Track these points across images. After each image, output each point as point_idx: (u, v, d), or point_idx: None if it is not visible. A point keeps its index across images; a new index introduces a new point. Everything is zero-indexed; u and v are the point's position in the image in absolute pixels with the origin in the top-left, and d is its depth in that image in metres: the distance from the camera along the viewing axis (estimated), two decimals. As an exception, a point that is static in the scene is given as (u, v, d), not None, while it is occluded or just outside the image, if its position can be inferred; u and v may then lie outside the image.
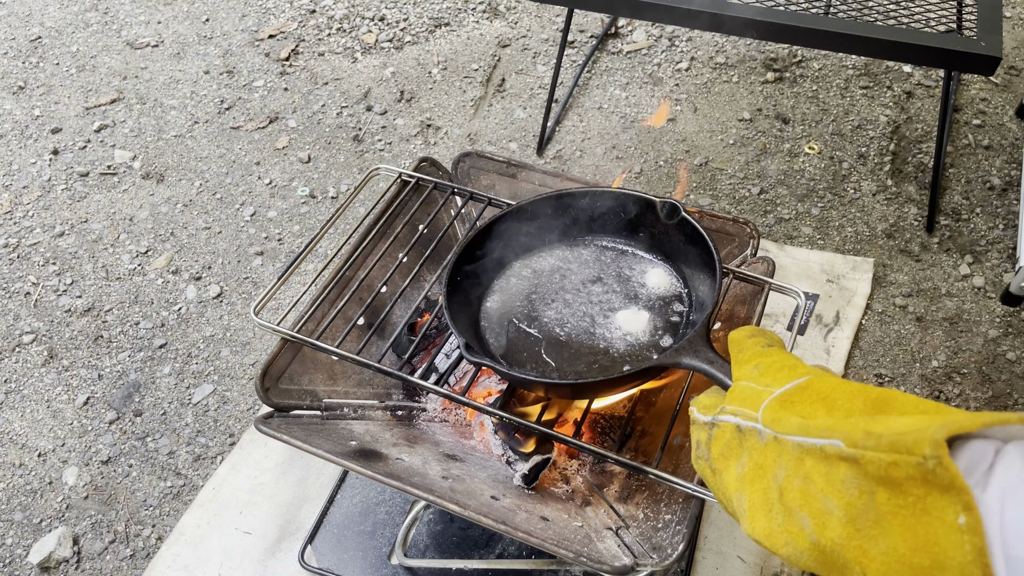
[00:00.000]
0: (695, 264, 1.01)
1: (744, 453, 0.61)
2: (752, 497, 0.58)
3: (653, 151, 2.18)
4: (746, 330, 0.77)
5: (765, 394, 0.61)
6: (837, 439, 0.49)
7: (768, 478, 0.57)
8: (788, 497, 0.54)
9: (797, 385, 0.59)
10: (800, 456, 0.53)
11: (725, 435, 0.63)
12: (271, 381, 1.04)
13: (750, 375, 0.67)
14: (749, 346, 0.73)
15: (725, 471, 0.63)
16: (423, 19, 2.72)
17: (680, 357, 0.82)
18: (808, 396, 0.57)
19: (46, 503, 1.58)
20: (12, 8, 2.92)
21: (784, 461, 0.55)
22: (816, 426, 0.52)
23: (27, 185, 2.26)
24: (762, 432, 0.58)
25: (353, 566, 1.36)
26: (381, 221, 1.19)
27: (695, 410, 0.73)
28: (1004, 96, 2.25)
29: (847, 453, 0.48)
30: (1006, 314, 1.74)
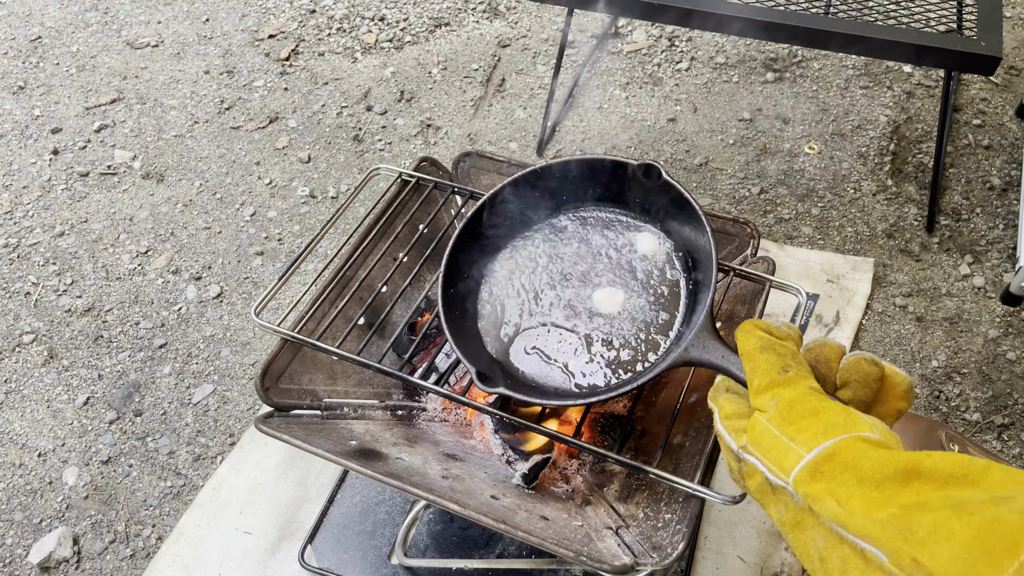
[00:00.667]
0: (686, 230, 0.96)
1: (780, 503, 0.61)
2: (795, 542, 0.60)
3: (653, 151, 2.18)
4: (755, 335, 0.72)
5: (791, 453, 0.59)
6: (880, 551, 0.49)
7: (807, 536, 0.58)
8: (828, 566, 0.55)
9: (824, 452, 0.57)
10: (839, 541, 0.54)
11: (757, 477, 0.63)
12: (271, 381, 1.04)
13: (768, 408, 0.65)
14: (763, 366, 0.68)
15: (765, 506, 0.64)
16: (423, 19, 2.72)
17: (691, 354, 0.80)
18: (837, 466, 0.56)
19: (46, 503, 1.58)
20: (12, 8, 2.92)
21: (822, 533, 0.56)
22: (856, 524, 0.52)
23: (27, 185, 2.26)
24: (795, 496, 0.59)
25: (353, 566, 1.36)
26: (381, 221, 1.19)
27: (717, 416, 0.70)
28: (1004, 96, 2.25)
29: (888, 569, 0.48)
30: (1006, 314, 1.74)
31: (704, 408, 0.99)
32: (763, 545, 1.37)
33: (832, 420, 0.60)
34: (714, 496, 0.81)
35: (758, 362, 0.69)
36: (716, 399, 0.73)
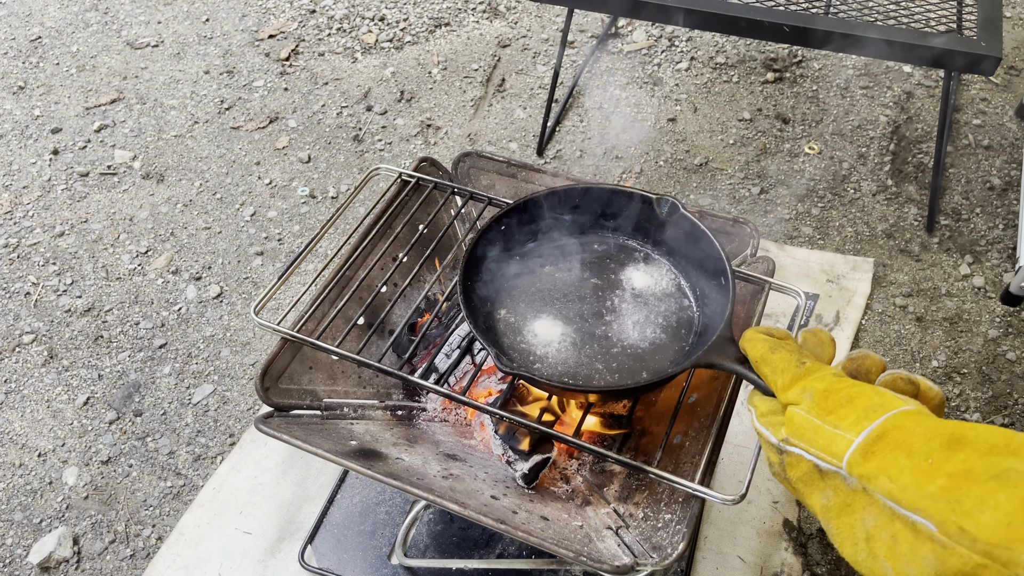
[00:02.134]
0: (697, 260, 1.02)
1: (827, 488, 0.64)
2: (839, 527, 0.62)
3: (653, 151, 2.18)
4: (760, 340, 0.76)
5: (839, 439, 0.62)
6: (930, 522, 0.53)
7: (856, 518, 0.61)
8: (875, 545, 0.58)
9: (873, 434, 0.61)
10: (890, 517, 0.57)
11: (802, 467, 0.66)
12: (271, 381, 1.04)
13: (803, 401, 0.68)
14: (780, 364, 0.72)
15: (808, 495, 0.66)
16: (423, 19, 2.72)
17: (711, 358, 0.83)
18: (887, 445, 0.59)
19: (46, 503, 1.58)
20: (12, 8, 2.92)
21: (874, 512, 0.59)
22: (908, 499, 0.55)
23: (27, 185, 2.26)
24: (848, 479, 0.61)
25: (353, 566, 1.36)
26: (381, 221, 1.19)
27: (755, 415, 0.73)
28: (1004, 96, 2.25)
29: (938, 539, 0.52)
30: (1006, 314, 1.74)
31: (704, 408, 0.99)
32: (763, 545, 1.37)
33: (869, 403, 0.64)
34: (714, 496, 0.81)
35: (775, 362, 0.73)
36: (751, 400, 0.76)
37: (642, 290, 1.05)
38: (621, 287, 1.06)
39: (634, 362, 0.97)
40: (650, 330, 1.01)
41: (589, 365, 0.97)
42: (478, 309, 1.01)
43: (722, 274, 0.94)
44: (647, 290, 1.05)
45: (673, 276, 1.07)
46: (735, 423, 1.52)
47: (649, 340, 1.00)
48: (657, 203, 1.03)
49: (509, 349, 1.00)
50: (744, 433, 1.52)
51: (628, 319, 1.02)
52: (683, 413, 1.03)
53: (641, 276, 1.07)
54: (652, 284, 1.06)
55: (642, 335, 1.00)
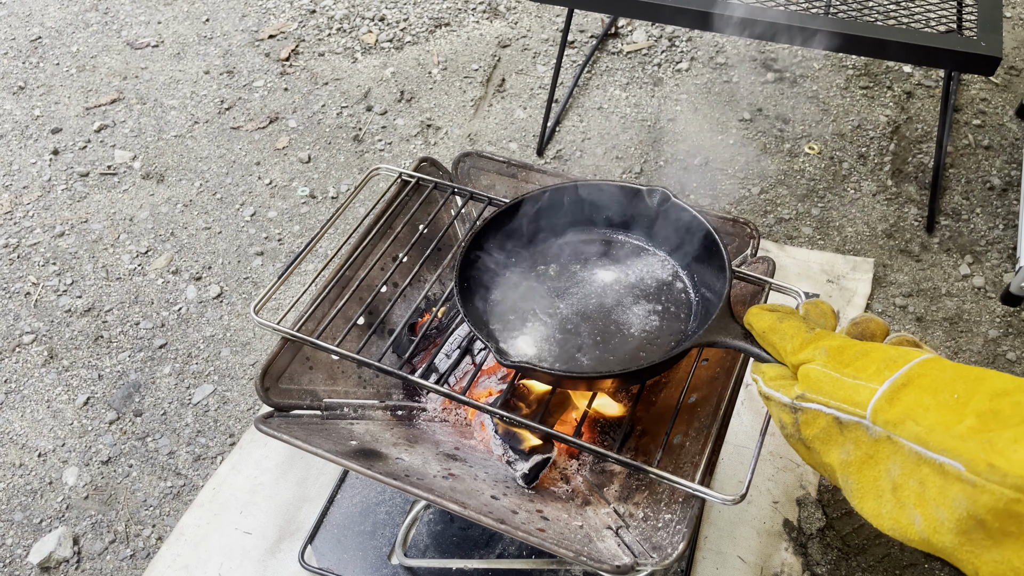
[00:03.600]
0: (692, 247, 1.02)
1: (847, 442, 0.62)
2: (860, 481, 0.61)
3: (653, 151, 2.18)
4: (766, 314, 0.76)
5: (862, 389, 0.61)
6: (958, 462, 0.52)
7: (880, 469, 0.60)
8: (903, 493, 0.57)
9: (899, 380, 0.60)
10: (917, 462, 0.56)
11: (819, 422, 0.65)
12: (271, 381, 1.04)
13: (819, 359, 0.67)
14: (790, 331, 0.72)
15: (825, 453, 0.65)
16: (423, 19, 2.72)
17: (714, 337, 0.83)
18: (912, 392, 0.58)
19: (46, 503, 1.58)
20: (12, 8, 2.92)
21: (899, 460, 0.58)
22: (936, 441, 0.54)
23: (27, 185, 2.26)
24: (871, 428, 0.60)
25: (353, 566, 1.36)
26: (381, 221, 1.19)
27: (762, 382, 0.72)
28: (1004, 96, 2.25)
29: (967, 478, 0.51)
30: (1006, 314, 1.74)
31: (704, 408, 0.99)
32: (763, 545, 1.37)
33: (887, 355, 0.63)
34: (714, 496, 0.81)
35: (784, 330, 0.73)
36: (757, 368, 0.76)
37: (640, 281, 1.06)
38: (618, 279, 1.06)
39: (636, 349, 0.98)
40: (650, 318, 1.01)
41: (590, 355, 0.97)
42: (475, 308, 1.02)
43: (717, 257, 0.95)
44: (645, 280, 1.06)
45: (670, 265, 1.07)
46: (735, 423, 1.52)
47: (649, 328, 1.00)
48: (648, 194, 1.04)
49: (508, 346, 1.00)
50: (744, 433, 1.52)
51: (628, 309, 1.02)
52: (683, 413, 1.03)
53: (638, 267, 1.08)
54: (649, 274, 1.07)
55: (642, 324, 1.01)
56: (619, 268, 1.08)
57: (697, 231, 1.00)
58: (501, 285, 1.07)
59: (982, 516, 0.50)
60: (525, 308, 1.04)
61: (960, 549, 0.53)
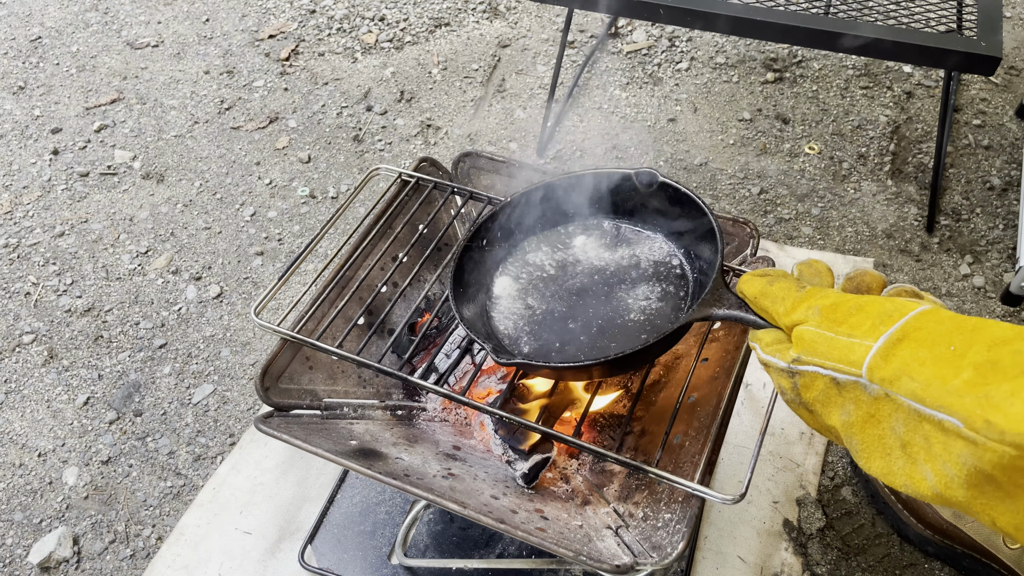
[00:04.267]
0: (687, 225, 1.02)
1: (847, 403, 0.61)
2: (865, 440, 0.59)
3: (653, 151, 2.18)
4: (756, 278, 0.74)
5: (856, 347, 0.59)
6: (955, 418, 0.50)
7: (884, 427, 0.58)
8: (912, 450, 0.55)
9: (893, 336, 0.58)
10: (918, 420, 0.54)
11: (817, 385, 0.63)
12: (271, 381, 1.04)
13: (812, 319, 0.65)
14: (780, 292, 0.71)
15: (827, 415, 0.63)
16: (423, 19, 2.72)
17: (709, 309, 0.82)
18: (908, 347, 0.56)
19: (46, 503, 1.58)
20: (12, 8, 2.92)
21: (901, 417, 0.56)
22: (932, 396, 0.52)
23: (27, 185, 2.26)
24: (868, 387, 0.58)
25: (353, 566, 1.36)
26: (381, 221, 1.19)
27: (759, 348, 0.71)
28: (1004, 96, 2.25)
29: (966, 435, 0.49)
30: (1006, 314, 1.74)
31: (704, 408, 0.99)
32: (763, 545, 1.37)
33: (881, 309, 0.61)
34: (714, 496, 0.81)
35: (774, 292, 0.71)
36: (754, 336, 0.74)
37: (635, 264, 1.06)
38: (614, 265, 1.06)
39: (636, 333, 0.97)
40: (648, 301, 1.01)
41: (591, 344, 0.97)
42: (471, 310, 1.01)
43: (709, 230, 0.94)
44: (641, 264, 1.06)
45: (665, 246, 1.07)
46: (735, 423, 1.52)
47: (649, 311, 1.00)
48: (636, 176, 1.04)
49: (507, 343, 1.00)
50: (744, 433, 1.52)
51: (625, 295, 1.02)
52: (683, 413, 1.03)
53: (633, 251, 1.08)
54: (645, 257, 1.07)
55: (641, 307, 1.00)
56: (614, 254, 1.08)
57: (687, 207, 1.00)
58: (496, 284, 1.07)
59: (989, 471, 0.49)
60: (521, 303, 1.04)
61: (974, 503, 0.51)
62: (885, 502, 1.38)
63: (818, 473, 1.46)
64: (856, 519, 1.42)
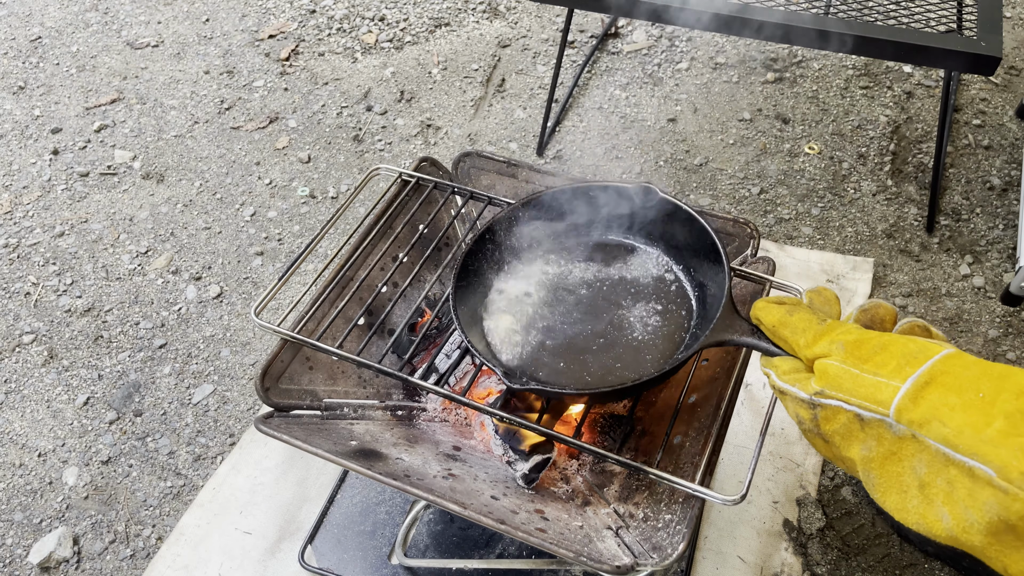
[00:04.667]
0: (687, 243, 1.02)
1: (869, 439, 0.62)
2: (883, 476, 0.60)
3: (653, 151, 2.18)
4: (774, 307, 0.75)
5: (883, 387, 0.60)
6: (989, 468, 0.51)
7: (905, 466, 0.59)
8: (930, 491, 0.56)
9: (921, 379, 0.58)
10: (944, 463, 0.55)
11: (839, 419, 0.64)
12: (271, 381, 1.04)
13: (836, 353, 0.66)
14: (801, 324, 0.71)
15: (846, 448, 0.64)
16: (423, 19, 2.72)
17: (721, 335, 0.82)
18: (936, 391, 0.57)
19: (46, 503, 1.58)
20: (12, 8, 2.92)
21: (925, 459, 0.57)
22: (965, 444, 0.53)
23: (27, 185, 2.26)
24: (894, 427, 0.59)
25: (353, 566, 1.36)
26: (381, 221, 1.19)
27: (775, 376, 0.71)
28: (1004, 96, 2.25)
29: (998, 484, 0.51)
30: (1006, 314, 1.74)
31: (704, 408, 0.99)
32: (763, 545, 1.37)
33: (906, 350, 0.62)
34: (714, 496, 0.81)
35: (794, 323, 0.72)
36: (769, 363, 0.74)
37: (637, 282, 1.05)
38: (616, 282, 1.06)
39: (640, 355, 0.97)
40: (651, 319, 1.01)
41: (596, 364, 0.97)
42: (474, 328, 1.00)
43: (713, 252, 0.94)
44: (642, 282, 1.05)
45: (666, 264, 1.06)
46: (735, 423, 1.52)
47: (652, 331, 0.99)
48: (635, 192, 1.03)
49: (510, 362, 0.99)
50: (744, 433, 1.52)
51: (628, 312, 1.02)
52: (683, 413, 1.03)
53: (634, 269, 1.07)
54: (646, 275, 1.06)
55: (644, 326, 1.00)
56: (615, 270, 1.07)
57: (690, 226, 0.99)
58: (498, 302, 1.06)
59: (1013, 522, 0.50)
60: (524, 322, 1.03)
61: (989, 548, 0.53)
62: (885, 502, 1.38)
63: (818, 473, 1.46)
64: (856, 519, 1.42)
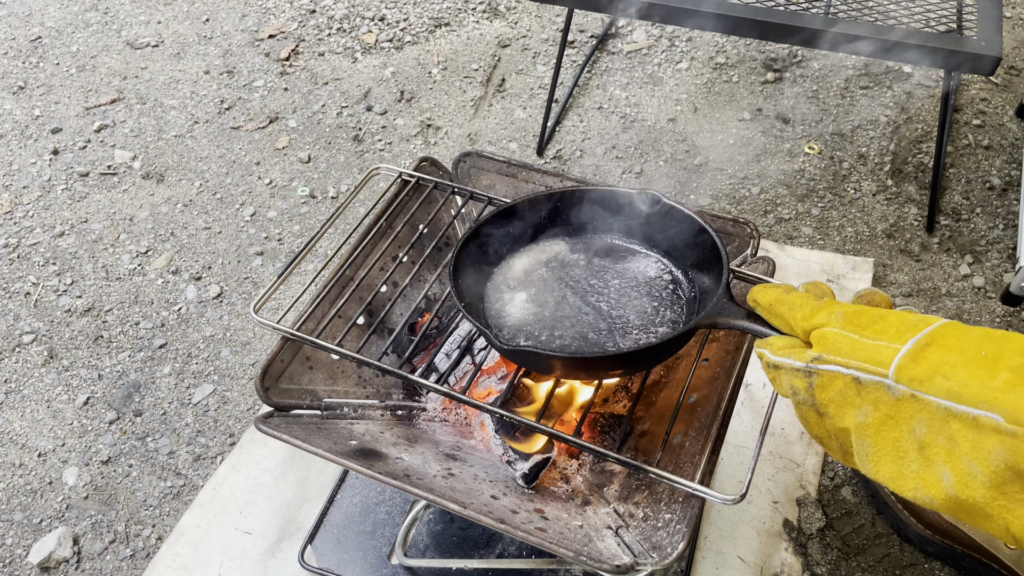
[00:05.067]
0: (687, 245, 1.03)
1: (865, 403, 0.62)
2: (878, 443, 0.61)
3: (653, 151, 2.18)
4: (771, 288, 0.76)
5: (884, 349, 0.61)
6: (996, 413, 0.51)
7: (902, 429, 0.59)
8: (930, 451, 0.56)
9: (923, 340, 0.59)
10: (946, 418, 0.55)
11: (836, 385, 0.64)
12: (271, 381, 1.04)
13: (836, 322, 0.67)
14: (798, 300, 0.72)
15: (840, 417, 0.64)
16: (423, 19, 2.72)
17: (715, 318, 0.84)
18: (938, 351, 0.58)
19: (46, 503, 1.58)
20: (12, 8, 2.92)
21: (925, 418, 0.57)
22: (971, 394, 0.54)
23: (27, 185, 2.26)
24: (893, 387, 0.59)
25: (353, 566, 1.36)
26: (381, 221, 1.19)
27: (769, 353, 0.72)
28: (1004, 96, 2.25)
29: (1007, 428, 0.51)
30: (1006, 314, 1.74)
31: (704, 408, 0.99)
32: (763, 545, 1.37)
33: (905, 320, 0.63)
34: (714, 496, 0.81)
35: (792, 301, 0.73)
36: (763, 342, 0.75)
37: (636, 282, 1.06)
38: (614, 282, 1.06)
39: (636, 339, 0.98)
40: (648, 315, 1.01)
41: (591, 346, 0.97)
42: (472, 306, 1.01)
43: (713, 253, 0.95)
44: (640, 282, 1.06)
45: (665, 266, 1.07)
46: (735, 423, 1.52)
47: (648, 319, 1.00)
48: (639, 197, 1.05)
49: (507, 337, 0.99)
50: (744, 433, 1.52)
51: (625, 310, 1.02)
52: (683, 413, 1.03)
53: (634, 270, 1.08)
54: (645, 275, 1.06)
55: (641, 321, 1.01)
56: (614, 272, 1.08)
57: (690, 230, 1.00)
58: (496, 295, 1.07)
59: (1022, 467, 0.50)
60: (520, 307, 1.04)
61: (992, 503, 0.52)
62: (885, 502, 1.38)
63: (818, 473, 1.46)
64: (856, 519, 1.42)
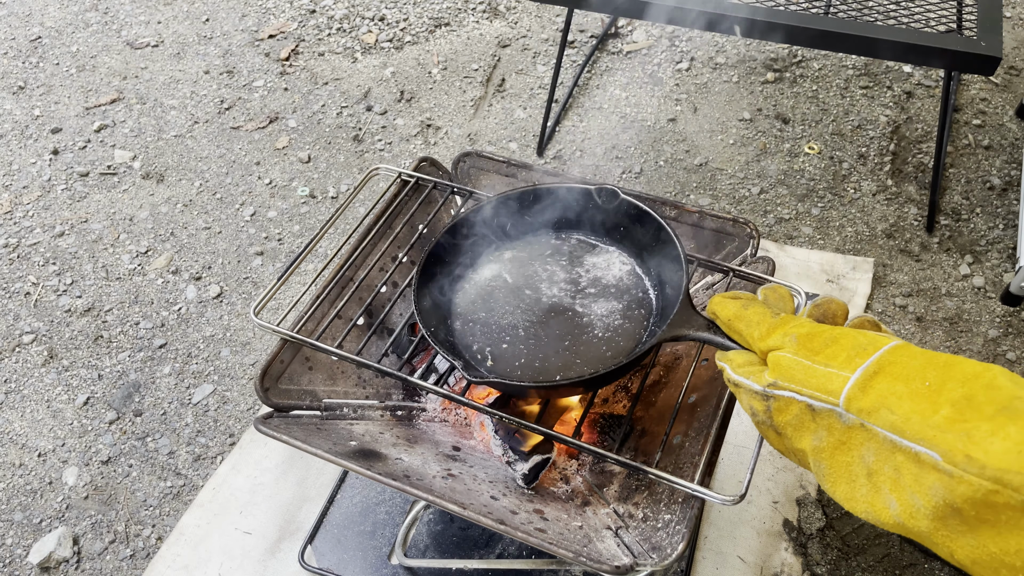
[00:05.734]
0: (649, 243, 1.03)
1: (820, 429, 0.63)
2: (832, 466, 0.62)
3: (653, 151, 2.18)
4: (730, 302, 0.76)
5: (834, 377, 0.62)
6: (934, 452, 0.52)
7: (853, 455, 0.60)
8: (878, 479, 0.58)
9: (870, 369, 0.60)
10: (891, 450, 0.56)
11: (791, 410, 0.65)
12: (271, 381, 1.04)
13: (788, 346, 0.67)
14: (755, 317, 0.73)
15: (797, 440, 0.65)
16: (423, 19, 2.72)
17: (678, 330, 0.83)
18: (884, 380, 0.59)
19: (46, 503, 1.58)
20: (12, 8, 2.92)
21: (873, 447, 0.58)
22: (912, 430, 0.55)
23: (27, 185, 2.26)
24: (844, 416, 0.60)
25: (353, 566, 1.36)
26: (381, 221, 1.19)
27: (729, 369, 0.73)
28: (1004, 96, 2.25)
29: (944, 468, 0.52)
30: (1006, 314, 1.74)
31: (704, 408, 0.99)
32: (763, 545, 1.37)
33: (856, 342, 0.64)
34: (714, 496, 0.81)
35: (749, 316, 0.74)
36: (724, 356, 0.76)
37: (598, 280, 1.06)
38: (578, 280, 1.06)
39: (602, 350, 0.98)
40: (612, 317, 1.01)
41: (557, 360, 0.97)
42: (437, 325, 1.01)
43: (672, 249, 0.95)
44: (603, 280, 1.06)
45: (627, 264, 1.07)
46: (735, 423, 1.52)
47: (613, 327, 1.00)
48: (597, 193, 1.04)
49: (473, 359, 0.99)
50: (744, 433, 1.52)
51: (589, 310, 1.02)
52: (683, 413, 1.03)
53: (596, 269, 1.08)
54: (608, 275, 1.07)
55: (605, 324, 1.00)
56: (577, 268, 1.08)
57: (650, 226, 1.00)
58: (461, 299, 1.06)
59: (959, 505, 0.51)
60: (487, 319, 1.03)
61: (935, 534, 0.54)
62: (885, 502, 1.38)
63: (818, 473, 1.46)
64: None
